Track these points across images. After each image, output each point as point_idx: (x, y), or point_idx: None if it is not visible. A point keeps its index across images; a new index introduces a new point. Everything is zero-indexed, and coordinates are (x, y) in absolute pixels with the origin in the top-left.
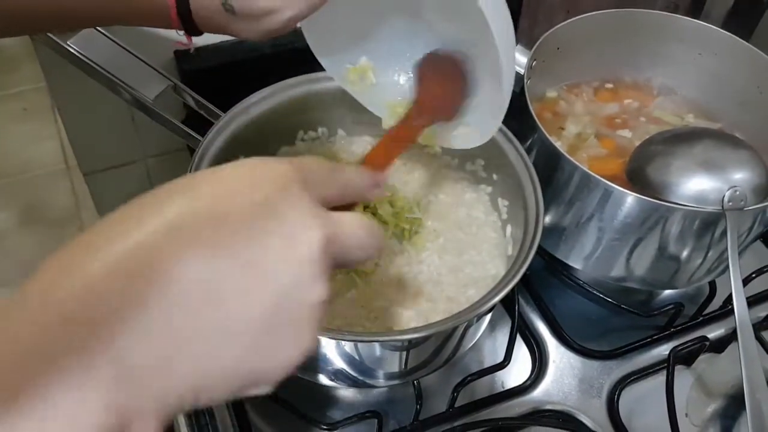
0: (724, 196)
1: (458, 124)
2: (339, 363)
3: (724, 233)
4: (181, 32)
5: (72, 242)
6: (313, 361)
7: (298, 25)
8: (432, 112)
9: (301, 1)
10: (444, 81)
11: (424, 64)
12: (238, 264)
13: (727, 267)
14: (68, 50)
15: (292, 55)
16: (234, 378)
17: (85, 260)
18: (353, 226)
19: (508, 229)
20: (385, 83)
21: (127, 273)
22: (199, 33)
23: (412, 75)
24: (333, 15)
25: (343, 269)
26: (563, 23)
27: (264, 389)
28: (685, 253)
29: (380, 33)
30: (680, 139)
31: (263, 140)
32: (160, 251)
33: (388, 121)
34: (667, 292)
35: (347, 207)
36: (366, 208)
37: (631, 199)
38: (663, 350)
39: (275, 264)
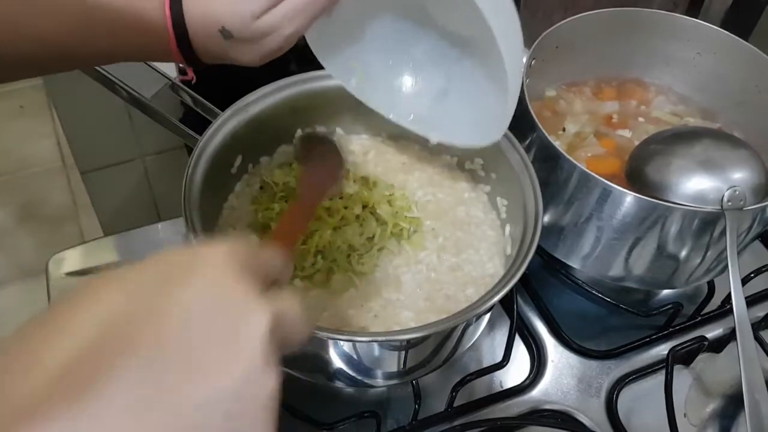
0: (723, 196)
1: (462, 123)
2: (337, 363)
3: (723, 233)
4: (182, 65)
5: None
6: (312, 361)
7: None
8: (321, 189)
9: (298, 18)
10: (322, 157)
11: (301, 146)
12: (177, 368)
13: (726, 267)
14: None
15: (290, 54)
16: None
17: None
18: (293, 302)
19: (507, 228)
20: (390, 83)
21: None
22: (202, 64)
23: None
24: (334, 20)
25: (341, 271)
26: (562, 22)
27: None
28: (683, 253)
29: (384, 33)
30: (679, 138)
31: (261, 139)
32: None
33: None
34: (666, 291)
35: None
36: (365, 207)
37: (630, 198)
38: (662, 350)
39: (219, 363)
